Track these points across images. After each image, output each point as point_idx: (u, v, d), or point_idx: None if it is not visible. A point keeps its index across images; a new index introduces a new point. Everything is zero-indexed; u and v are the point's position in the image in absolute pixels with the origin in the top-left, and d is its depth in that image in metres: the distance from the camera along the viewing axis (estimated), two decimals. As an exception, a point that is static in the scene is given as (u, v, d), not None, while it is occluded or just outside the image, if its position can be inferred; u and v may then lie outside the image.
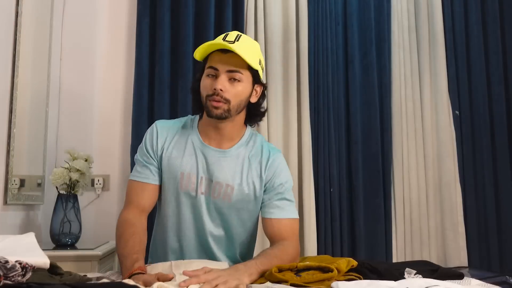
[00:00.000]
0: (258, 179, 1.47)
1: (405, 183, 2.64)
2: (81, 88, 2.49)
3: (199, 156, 1.46)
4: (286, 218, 1.46)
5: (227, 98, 1.38)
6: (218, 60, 1.38)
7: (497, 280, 1.39)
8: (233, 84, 1.39)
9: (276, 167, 1.49)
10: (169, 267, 1.27)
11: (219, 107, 1.38)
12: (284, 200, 1.48)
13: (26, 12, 1.94)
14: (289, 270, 1.24)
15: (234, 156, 1.47)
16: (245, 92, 1.42)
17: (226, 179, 1.44)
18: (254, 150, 1.50)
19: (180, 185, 1.44)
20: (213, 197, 1.44)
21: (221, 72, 1.38)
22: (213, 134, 1.47)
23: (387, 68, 2.68)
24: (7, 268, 0.86)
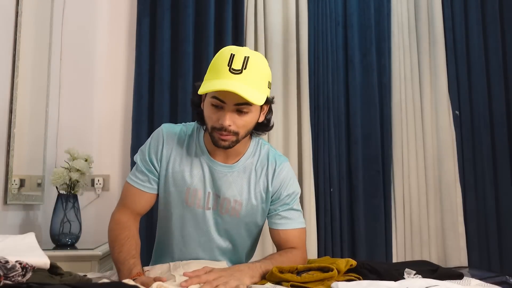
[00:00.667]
0: (265, 191, 1.44)
1: (405, 183, 2.64)
2: (81, 88, 2.49)
3: (205, 170, 1.41)
4: (293, 228, 1.44)
5: (235, 131, 1.31)
6: (226, 93, 1.24)
7: (497, 280, 1.39)
8: (240, 116, 1.30)
9: (282, 178, 1.45)
10: (167, 268, 1.27)
11: (227, 140, 1.31)
12: (291, 211, 1.45)
13: (26, 12, 1.94)
14: (289, 272, 1.24)
15: (241, 170, 1.43)
16: (253, 119, 1.35)
17: (234, 195, 1.41)
18: (260, 161, 1.46)
19: (186, 200, 1.40)
20: (221, 212, 1.41)
21: (228, 105, 1.27)
22: (218, 151, 1.41)
23: (387, 68, 2.68)
24: (7, 268, 0.86)
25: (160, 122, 2.38)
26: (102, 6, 2.56)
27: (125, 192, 1.46)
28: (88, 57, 2.51)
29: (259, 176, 1.44)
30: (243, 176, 1.43)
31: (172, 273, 1.22)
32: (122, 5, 2.58)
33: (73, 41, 2.49)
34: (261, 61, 1.32)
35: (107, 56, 2.54)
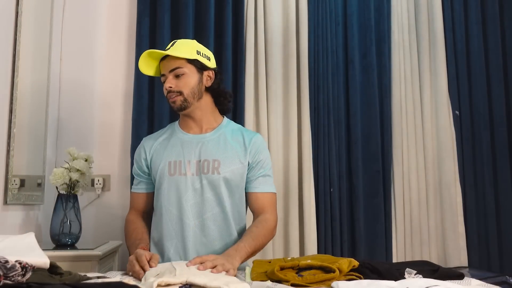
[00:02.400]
0: (242, 154, 1.65)
1: (405, 183, 2.64)
2: (81, 88, 2.49)
3: (184, 144, 1.66)
4: (268, 192, 1.68)
5: (178, 90, 1.63)
6: (162, 67, 1.67)
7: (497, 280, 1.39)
8: (178, 79, 1.64)
9: (258, 145, 1.69)
10: (169, 265, 1.28)
11: (175, 101, 1.64)
12: (267, 176, 1.69)
13: (26, 12, 1.94)
14: (291, 268, 1.24)
15: (215, 136, 1.68)
16: (192, 81, 1.65)
17: (212, 155, 1.63)
18: (235, 132, 1.71)
19: (169, 171, 1.62)
20: (203, 173, 1.61)
21: (167, 74, 1.65)
22: (191, 124, 1.70)
23: (387, 68, 2.68)
24: (7, 268, 0.86)
25: (160, 122, 2.39)
26: (102, 6, 2.56)
27: (130, 198, 1.80)
28: (88, 57, 2.51)
29: (236, 142, 1.67)
30: (218, 140, 1.67)
31: (174, 266, 1.23)
32: (122, 5, 2.58)
33: (73, 41, 2.49)
34: (189, 40, 1.73)
35: (107, 56, 2.54)
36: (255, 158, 1.67)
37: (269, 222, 1.62)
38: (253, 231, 1.57)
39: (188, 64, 1.65)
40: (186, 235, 1.58)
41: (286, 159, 2.54)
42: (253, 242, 1.52)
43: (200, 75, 1.67)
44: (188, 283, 1.09)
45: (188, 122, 1.71)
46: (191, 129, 1.70)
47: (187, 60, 1.64)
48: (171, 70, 1.64)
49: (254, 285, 1.18)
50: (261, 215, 1.64)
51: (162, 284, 1.07)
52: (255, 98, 2.53)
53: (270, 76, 2.57)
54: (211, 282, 1.08)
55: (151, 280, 1.09)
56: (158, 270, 1.24)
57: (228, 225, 1.63)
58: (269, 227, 1.62)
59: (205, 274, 1.19)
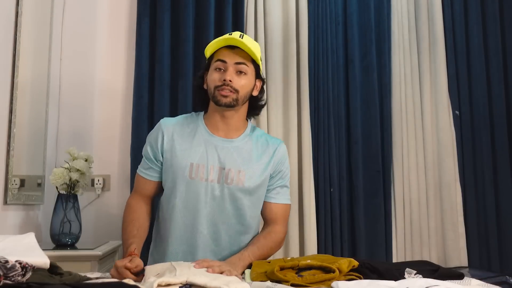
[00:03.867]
0: (266, 166, 1.59)
1: (405, 183, 2.64)
2: (81, 88, 2.49)
3: (208, 146, 1.56)
4: (283, 203, 1.64)
5: (235, 88, 1.52)
6: (226, 54, 1.53)
7: (497, 280, 1.39)
8: (239, 76, 1.53)
9: (281, 155, 1.63)
10: (169, 265, 1.28)
11: (228, 96, 1.51)
12: (284, 187, 1.65)
13: (26, 12, 1.94)
14: (291, 268, 1.24)
15: (242, 144, 1.59)
16: (249, 84, 1.56)
17: (237, 165, 1.55)
18: (259, 139, 1.64)
19: (190, 175, 1.53)
20: (226, 182, 1.54)
21: (229, 65, 1.52)
22: (220, 125, 1.59)
23: (387, 68, 2.68)
24: (7, 268, 0.86)
25: (160, 122, 2.39)
26: (102, 6, 2.56)
27: (136, 180, 1.67)
28: (88, 57, 2.51)
29: (260, 151, 1.61)
30: (245, 149, 1.59)
31: (175, 266, 1.23)
32: (122, 5, 2.58)
33: (73, 41, 2.49)
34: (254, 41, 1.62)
35: (107, 56, 2.54)
36: (277, 168, 1.62)
37: (278, 234, 1.60)
38: (260, 242, 1.54)
39: (252, 66, 1.56)
40: (197, 243, 1.53)
41: (286, 159, 2.54)
42: (257, 252, 1.49)
43: (254, 81, 1.60)
44: (189, 283, 1.09)
45: (218, 122, 1.59)
46: (218, 131, 1.59)
47: (252, 61, 1.56)
48: (237, 63, 1.52)
49: (254, 285, 1.18)
50: (271, 226, 1.61)
51: (162, 284, 1.07)
52: (255, 98, 2.53)
53: (270, 76, 2.57)
54: (211, 282, 1.07)
55: (151, 280, 1.09)
56: (158, 270, 1.24)
57: (242, 236, 1.59)
58: (277, 240, 1.59)
59: (205, 274, 1.19)
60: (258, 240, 1.55)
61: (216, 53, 1.56)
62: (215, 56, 1.56)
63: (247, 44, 1.51)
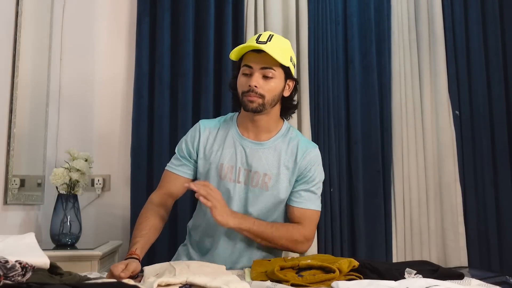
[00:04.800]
0: (292, 171, 1.58)
1: (405, 183, 2.64)
2: (81, 88, 2.49)
3: (237, 148, 1.59)
4: (307, 208, 1.60)
5: (261, 93, 1.52)
6: (252, 59, 1.53)
7: (497, 280, 1.39)
8: (266, 81, 1.52)
9: (309, 160, 1.60)
10: (168, 265, 1.29)
11: (254, 101, 1.51)
12: (309, 192, 1.60)
13: (26, 12, 1.94)
14: (291, 268, 1.24)
15: (271, 147, 1.60)
16: (278, 87, 1.55)
17: (264, 168, 1.57)
18: (292, 143, 1.62)
19: (220, 175, 1.57)
20: (252, 185, 1.56)
21: (255, 70, 1.52)
22: (250, 127, 1.61)
23: (387, 68, 2.67)
24: (7, 268, 0.86)
25: (160, 122, 2.39)
26: (102, 6, 2.56)
27: (163, 176, 1.66)
28: (88, 57, 2.51)
29: (289, 156, 1.59)
30: (273, 153, 1.59)
31: (174, 266, 1.23)
32: (122, 5, 2.58)
33: (73, 41, 2.49)
34: (285, 40, 1.59)
35: (107, 56, 2.54)
36: (303, 172, 1.59)
37: (296, 230, 1.57)
38: (275, 224, 1.56)
39: (280, 68, 1.54)
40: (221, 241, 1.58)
41: (286, 159, 2.54)
42: (266, 226, 1.52)
43: (284, 83, 1.58)
44: (188, 283, 1.09)
45: (248, 124, 1.61)
46: (249, 133, 1.61)
47: (280, 64, 1.53)
48: (263, 68, 1.52)
49: (253, 284, 1.18)
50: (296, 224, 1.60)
51: (162, 284, 1.07)
52: (255, 98, 2.53)
53: (270, 76, 2.56)
54: (211, 282, 1.08)
55: (151, 280, 1.09)
56: (157, 270, 1.25)
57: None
58: (293, 235, 1.56)
59: (205, 273, 1.19)
60: (275, 222, 1.59)
61: (244, 56, 1.57)
62: (243, 60, 1.57)
63: (273, 49, 1.49)
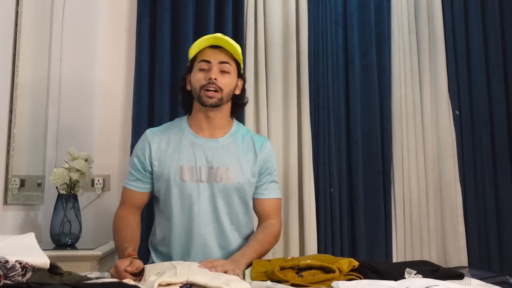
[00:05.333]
0: (253, 162, 1.63)
1: (405, 183, 2.64)
2: (81, 87, 2.49)
3: (195, 148, 1.60)
4: (274, 198, 1.69)
5: (220, 86, 1.55)
6: (210, 54, 1.57)
7: (497, 280, 1.39)
8: (223, 75, 1.57)
9: (267, 152, 1.67)
10: (169, 264, 1.29)
11: (213, 97, 1.55)
12: (273, 183, 1.69)
13: (26, 12, 1.94)
14: (291, 268, 1.24)
15: (228, 143, 1.63)
16: (232, 83, 1.61)
17: (225, 163, 1.59)
18: (246, 138, 1.68)
19: (181, 177, 1.57)
20: (216, 181, 1.58)
21: (214, 64, 1.56)
22: (204, 125, 1.63)
23: (387, 68, 2.67)
24: (7, 268, 0.86)
25: (160, 122, 2.38)
26: (102, 6, 2.56)
27: (123, 192, 1.69)
28: (88, 57, 2.51)
29: (246, 149, 1.64)
30: (231, 148, 1.63)
31: (175, 265, 1.23)
32: (122, 5, 2.58)
33: (73, 41, 2.48)
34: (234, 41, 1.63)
35: (107, 56, 2.54)
36: (264, 165, 1.66)
37: (274, 228, 1.65)
38: (259, 238, 1.59)
39: (234, 65, 1.61)
40: (194, 242, 1.57)
41: (286, 159, 2.54)
42: (258, 248, 1.54)
43: (236, 80, 1.64)
44: (189, 282, 1.09)
45: (203, 123, 1.63)
46: (203, 131, 1.64)
47: (234, 61, 1.61)
48: (221, 62, 1.57)
49: (254, 284, 1.18)
50: (266, 221, 1.66)
51: (163, 284, 1.07)
52: (255, 98, 2.53)
53: (270, 76, 2.57)
54: (212, 282, 1.08)
55: (152, 279, 1.09)
56: (158, 269, 1.24)
57: (237, 233, 1.63)
58: (274, 233, 1.64)
59: (206, 273, 1.19)
60: (257, 236, 1.60)
61: (199, 54, 1.60)
62: (199, 57, 1.59)
63: (230, 43, 1.57)
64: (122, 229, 1.57)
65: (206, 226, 1.58)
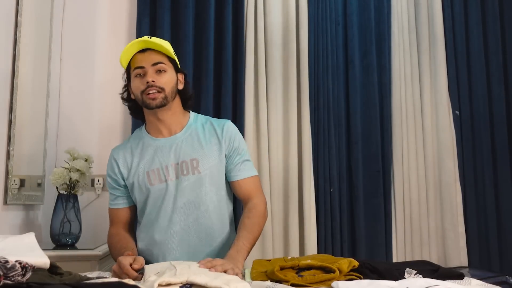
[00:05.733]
0: (218, 147, 1.62)
1: (405, 183, 2.64)
2: (81, 88, 2.49)
3: (156, 150, 1.61)
4: (250, 176, 1.65)
5: (161, 86, 1.55)
6: (141, 59, 1.57)
7: (497, 280, 1.39)
8: (160, 75, 1.56)
9: (231, 132, 1.65)
10: (169, 264, 1.29)
11: (156, 98, 1.54)
12: (245, 162, 1.65)
13: (26, 12, 1.94)
14: (291, 268, 1.24)
15: (188, 135, 1.62)
16: (172, 79, 1.60)
17: (189, 155, 1.59)
18: (206, 125, 1.66)
19: (150, 182, 1.58)
20: (183, 174, 1.57)
21: (148, 68, 1.55)
22: (160, 127, 1.63)
23: (387, 68, 2.67)
24: (7, 268, 0.86)
25: (160, 122, 2.39)
26: (102, 6, 2.56)
27: (109, 214, 1.71)
28: (88, 57, 2.51)
29: (208, 136, 1.63)
30: (192, 138, 1.62)
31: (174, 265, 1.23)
32: (122, 5, 2.58)
33: (73, 41, 2.49)
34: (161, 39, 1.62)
35: (107, 56, 2.54)
36: (230, 146, 1.63)
37: (258, 207, 1.60)
38: (247, 224, 1.55)
39: (169, 62, 1.60)
40: (174, 241, 1.57)
41: (286, 159, 2.54)
42: (250, 235, 1.51)
43: (176, 76, 1.63)
44: (189, 282, 1.09)
45: (157, 125, 1.63)
46: (161, 133, 1.63)
47: (168, 58, 1.60)
48: (154, 64, 1.56)
49: (253, 284, 1.18)
50: (249, 202, 1.61)
51: (163, 284, 1.07)
52: (255, 98, 2.53)
53: (270, 76, 2.57)
54: (212, 282, 1.07)
55: (152, 279, 1.09)
56: (157, 269, 1.24)
57: (217, 222, 1.61)
58: (260, 213, 1.60)
59: (206, 273, 1.19)
60: (245, 223, 1.55)
61: (131, 61, 1.60)
62: (132, 65, 1.60)
63: (158, 43, 1.57)
64: (117, 243, 1.58)
65: (182, 222, 1.57)
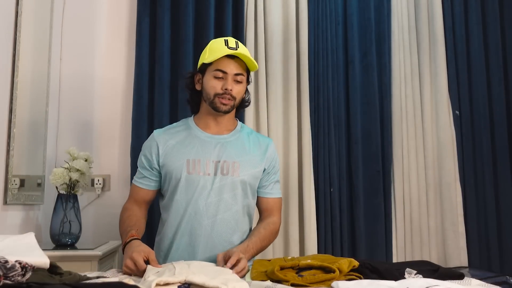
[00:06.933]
0: (259, 159, 1.70)
1: (405, 183, 2.64)
2: (81, 88, 2.49)
3: (202, 143, 1.67)
4: (278, 197, 1.77)
5: (234, 95, 1.64)
6: (227, 65, 1.62)
7: (497, 280, 1.39)
8: (237, 85, 1.65)
9: (273, 153, 1.76)
10: (169, 264, 1.29)
11: (227, 104, 1.63)
12: (277, 183, 1.78)
13: (26, 12, 1.94)
14: (291, 268, 1.24)
15: (234, 139, 1.71)
16: (243, 90, 1.69)
17: (232, 157, 1.65)
18: (251, 136, 1.75)
19: (188, 170, 1.62)
20: (222, 174, 1.63)
21: (229, 75, 1.62)
22: (212, 125, 1.70)
23: (387, 68, 2.67)
24: (7, 268, 0.86)
25: (160, 122, 2.39)
26: (102, 6, 2.56)
27: (131, 189, 1.77)
28: (88, 57, 2.51)
29: (252, 145, 1.72)
30: (237, 144, 1.70)
31: (174, 265, 1.23)
32: (122, 5, 2.58)
33: (73, 40, 2.48)
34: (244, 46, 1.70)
35: (107, 56, 2.54)
36: (272, 164, 1.74)
37: (276, 225, 1.72)
38: (261, 233, 1.65)
39: (246, 73, 1.68)
40: (198, 233, 1.60)
41: (286, 159, 2.54)
42: (259, 243, 1.61)
43: (246, 87, 1.71)
44: (187, 282, 1.09)
45: (210, 122, 1.70)
46: (210, 129, 1.70)
47: (246, 69, 1.67)
48: (236, 74, 1.63)
49: (253, 284, 1.18)
50: (269, 218, 1.73)
51: (161, 284, 1.07)
52: (255, 98, 2.53)
53: (270, 76, 2.57)
54: (210, 281, 1.07)
55: (150, 279, 1.09)
56: (157, 269, 1.25)
57: (239, 226, 1.67)
58: (275, 230, 1.72)
59: (204, 273, 1.19)
60: (259, 232, 1.65)
61: (216, 61, 1.63)
62: (215, 65, 1.63)
63: (250, 59, 1.62)
64: (127, 218, 1.64)
65: (210, 217, 1.61)
